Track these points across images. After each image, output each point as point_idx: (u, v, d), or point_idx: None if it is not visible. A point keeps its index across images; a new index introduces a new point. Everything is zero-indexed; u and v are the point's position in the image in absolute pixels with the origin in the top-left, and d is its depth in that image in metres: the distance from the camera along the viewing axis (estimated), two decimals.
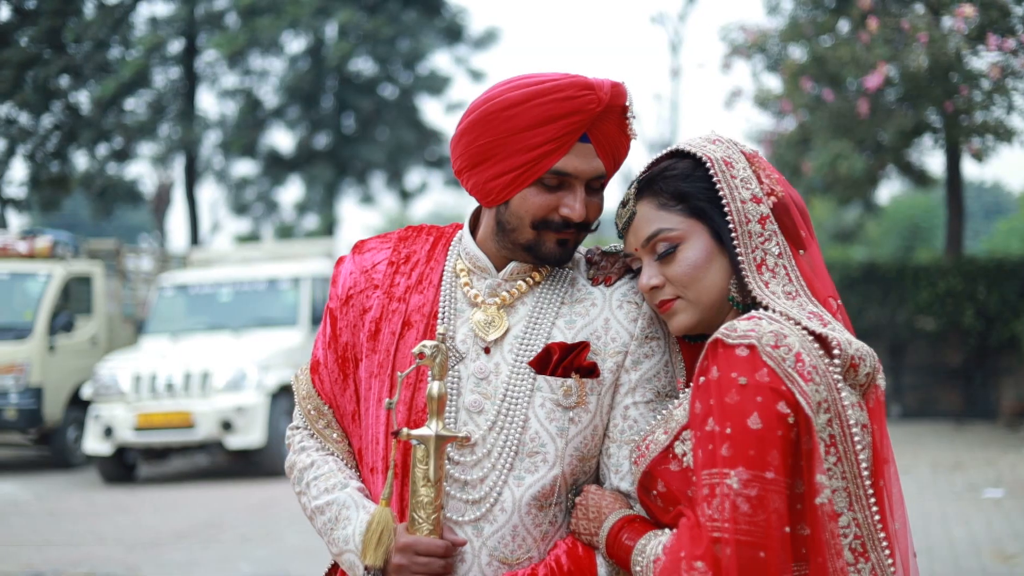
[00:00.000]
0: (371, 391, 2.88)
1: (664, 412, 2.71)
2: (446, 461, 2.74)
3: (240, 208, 26.83)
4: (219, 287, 17.71)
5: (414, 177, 28.09)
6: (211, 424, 15.59)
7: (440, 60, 27.85)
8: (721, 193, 2.66)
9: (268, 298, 17.49)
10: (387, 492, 2.73)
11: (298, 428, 3.04)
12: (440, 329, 2.71)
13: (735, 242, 2.65)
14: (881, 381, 2.62)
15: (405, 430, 2.68)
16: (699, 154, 2.70)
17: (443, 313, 2.87)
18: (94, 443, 15.97)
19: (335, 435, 2.98)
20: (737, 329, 2.52)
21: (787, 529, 2.43)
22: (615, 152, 2.79)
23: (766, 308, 2.60)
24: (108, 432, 15.75)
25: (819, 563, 2.48)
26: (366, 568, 2.73)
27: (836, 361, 2.52)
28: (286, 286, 17.48)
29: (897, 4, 18.40)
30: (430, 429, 2.67)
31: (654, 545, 2.56)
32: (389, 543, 2.69)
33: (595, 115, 2.70)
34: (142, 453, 16.56)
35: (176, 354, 16.35)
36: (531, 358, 2.78)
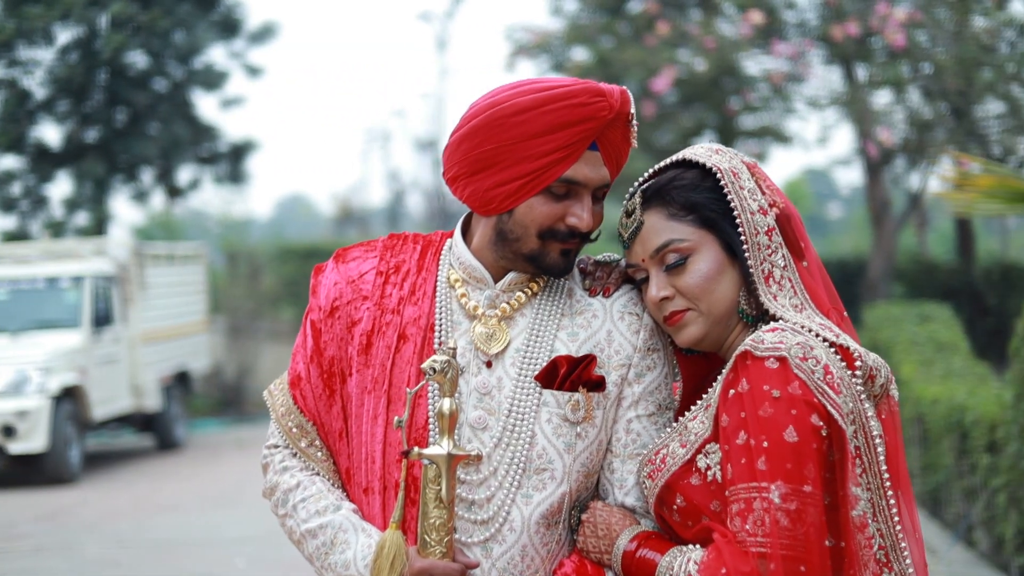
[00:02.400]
0: (363, 407, 2.76)
1: (676, 424, 2.67)
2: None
3: (5, 204, 25.77)
4: None
5: (186, 174, 27.43)
6: None
7: (216, 54, 27.14)
8: (732, 204, 2.64)
9: (47, 298, 16.77)
10: (397, 514, 2.61)
11: (277, 447, 2.88)
12: (450, 343, 2.61)
13: (746, 254, 2.62)
14: (894, 392, 2.63)
15: (416, 449, 2.57)
16: (708, 164, 2.67)
17: (440, 325, 2.76)
18: None
19: (320, 454, 2.83)
20: (764, 341, 2.50)
21: (829, 543, 2.42)
22: (619, 160, 2.73)
23: (778, 320, 2.59)
24: None
25: (851, 575, 2.47)
26: None
27: (858, 373, 2.53)
28: (67, 285, 16.80)
29: (674, 9, 18.79)
30: (442, 448, 2.57)
31: (682, 562, 2.51)
32: (403, 568, 2.58)
33: (606, 122, 2.64)
34: None
35: None
36: (535, 372, 2.70)
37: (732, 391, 2.50)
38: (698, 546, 2.54)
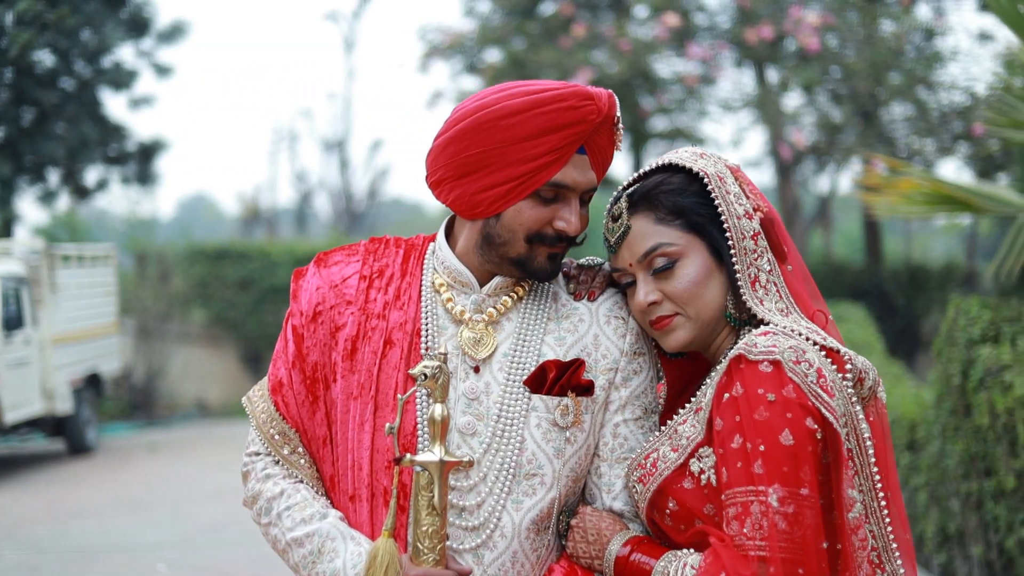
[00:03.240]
0: (349, 413, 2.72)
1: (665, 428, 2.67)
2: None
3: None
4: None
5: (93, 174, 27.03)
6: None
7: (124, 53, 26.74)
8: (720, 209, 2.64)
9: None
10: (390, 522, 2.56)
11: (259, 454, 2.83)
12: (440, 348, 2.59)
13: (733, 259, 2.64)
14: (882, 394, 2.65)
15: (408, 456, 2.53)
16: (694, 168, 2.67)
17: (426, 330, 2.74)
18: None
19: (303, 461, 2.79)
20: (758, 345, 2.51)
21: (824, 545, 2.44)
22: (605, 163, 2.72)
23: (766, 324, 2.61)
24: None
25: None
26: None
27: (848, 375, 2.54)
28: None
29: (587, 11, 18.87)
30: (434, 454, 2.53)
31: (678, 566, 2.51)
32: None
33: (595, 125, 2.63)
34: None
35: None
36: (523, 376, 2.68)
37: (726, 395, 2.50)
38: (693, 550, 2.54)
